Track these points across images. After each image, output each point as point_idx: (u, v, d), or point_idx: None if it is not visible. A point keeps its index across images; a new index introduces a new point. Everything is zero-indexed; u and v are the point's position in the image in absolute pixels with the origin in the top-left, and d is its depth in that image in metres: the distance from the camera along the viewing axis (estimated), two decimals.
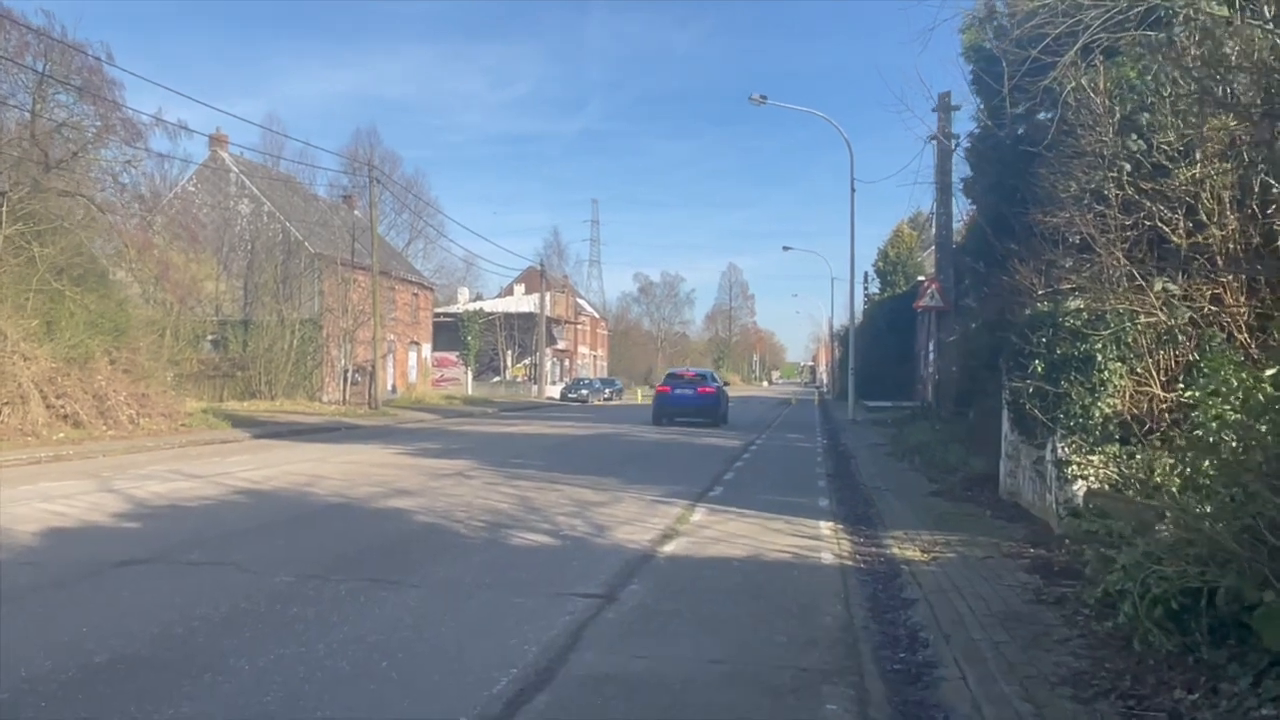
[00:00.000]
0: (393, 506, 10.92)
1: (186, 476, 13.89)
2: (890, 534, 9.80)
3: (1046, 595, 6.88)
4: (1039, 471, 9.98)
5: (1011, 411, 11.48)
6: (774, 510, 11.37)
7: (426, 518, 10.16)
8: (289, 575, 7.12)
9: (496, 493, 12.28)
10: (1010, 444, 11.60)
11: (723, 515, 10.90)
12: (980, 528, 10.06)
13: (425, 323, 53.03)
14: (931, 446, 18.68)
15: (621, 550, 8.57)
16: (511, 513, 10.63)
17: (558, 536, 9.20)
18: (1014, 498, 11.44)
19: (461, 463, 16.45)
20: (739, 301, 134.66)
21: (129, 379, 24.24)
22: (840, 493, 13.51)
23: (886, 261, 56.31)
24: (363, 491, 12.22)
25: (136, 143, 25.83)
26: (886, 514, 11.24)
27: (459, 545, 8.64)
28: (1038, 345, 8.98)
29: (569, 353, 78.17)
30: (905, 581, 7.59)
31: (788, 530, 9.99)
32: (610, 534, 9.41)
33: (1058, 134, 9.31)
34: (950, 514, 11.03)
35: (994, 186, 11.15)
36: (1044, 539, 9.04)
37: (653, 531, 9.56)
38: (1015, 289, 10.08)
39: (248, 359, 37.36)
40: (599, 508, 11.17)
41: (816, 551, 8.81)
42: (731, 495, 12.74)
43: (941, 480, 14.16)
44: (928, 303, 23.33)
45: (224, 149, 40.84)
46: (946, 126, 22.96)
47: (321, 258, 39.05)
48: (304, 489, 12.43)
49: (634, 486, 13.31)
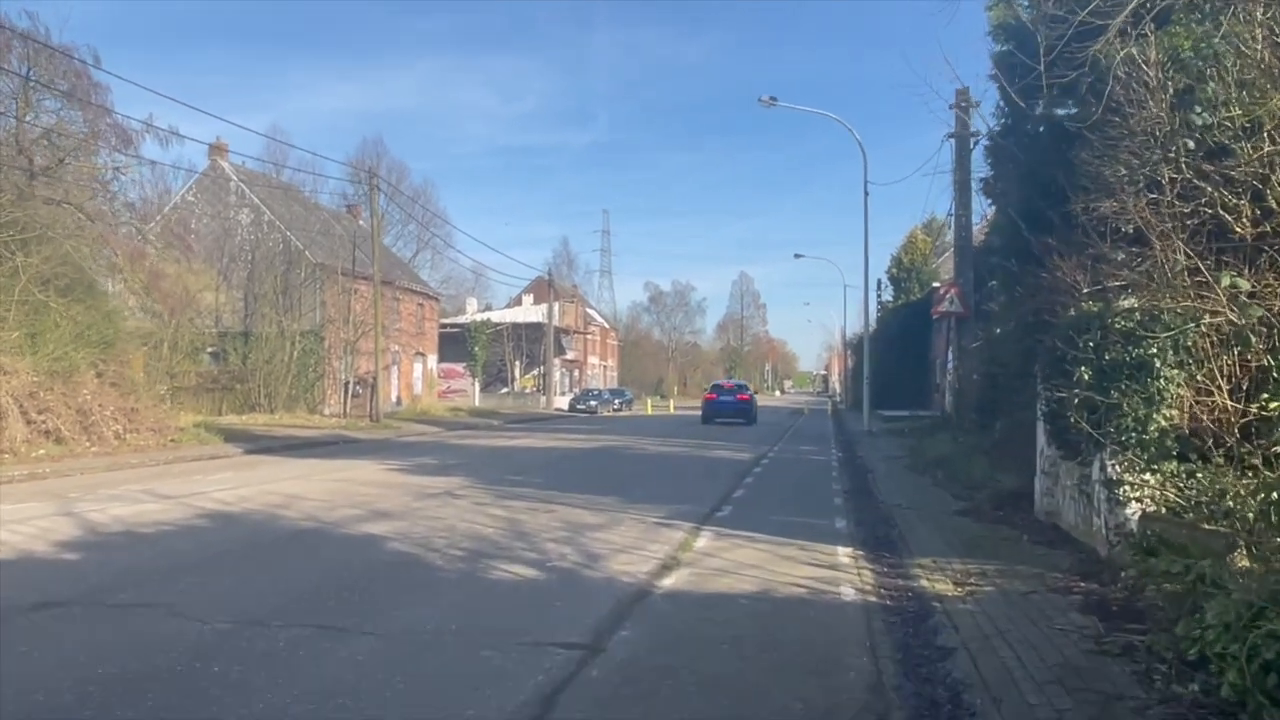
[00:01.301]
0: (367, 533, 9.94)
1: (157, 497, 12.95)
2: (917, 562, 8.76)
3: (1109, 644, 5.83)
4: (1084, 492, 8.93)
5: (1049, 424, 10.43)
6: (787, 533, 10.34)
7: (401, 546, 9.18)
8: (225, 620, 6.14)
9: (484, 515, 11.29)
10: (1047, 460, 10.55)
11: (730, 540, 9.88)
12: (1017, 554, 9.02)
13: (431, 333, 52.16)
14: (953, 460, 17.63)
15: (614, 586, 7.56)
16: (496, 539, 9.63)
17: (544, 568, 8.19)
18: (1052, 519, 10.38)
19: (453, 480, 15.47)
20: (750, 310, 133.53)
21: (117, 393, 23.38)
22: (859, 512, 12.47)
23: (900, 268, 55.21)
24: (339, 514, 11.25)
25: (127, 149, 25.10)
26: (911, 537, 10.20)
27: (430, 581, 7.65)
28: (1084, 350, 7.94)
29: (578, 363, 77.26)
30: (939, 624, 6.55)
31: (802, 558, 8.96)
32: (603, 565, 8.40)
33: (1104, 113, 8.29)
34: (982, 538, 9.98)
35: (1026, 176, 10.13)
36: (1093, 569, 7.99)
37: (651, 561, 8.55)
38: (1054, 287, 9.05)
39: (247, 371, 36.53)
40: (594, 532, 10.17)
41: (835, 585, 7.78)
42: (741, 516, 11.72)
43: (968, 497, 13.10)
44: (946, 308, 22.23)
45: (224, 158, 40.16)
46: (965, 123, 21.97)
47: (323, 268, 38.23)
48: (277, 512, 11.47)
49: (635, 507, 12.30)
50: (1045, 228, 9.66)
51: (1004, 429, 15.01)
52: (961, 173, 19.48)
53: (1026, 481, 11.77)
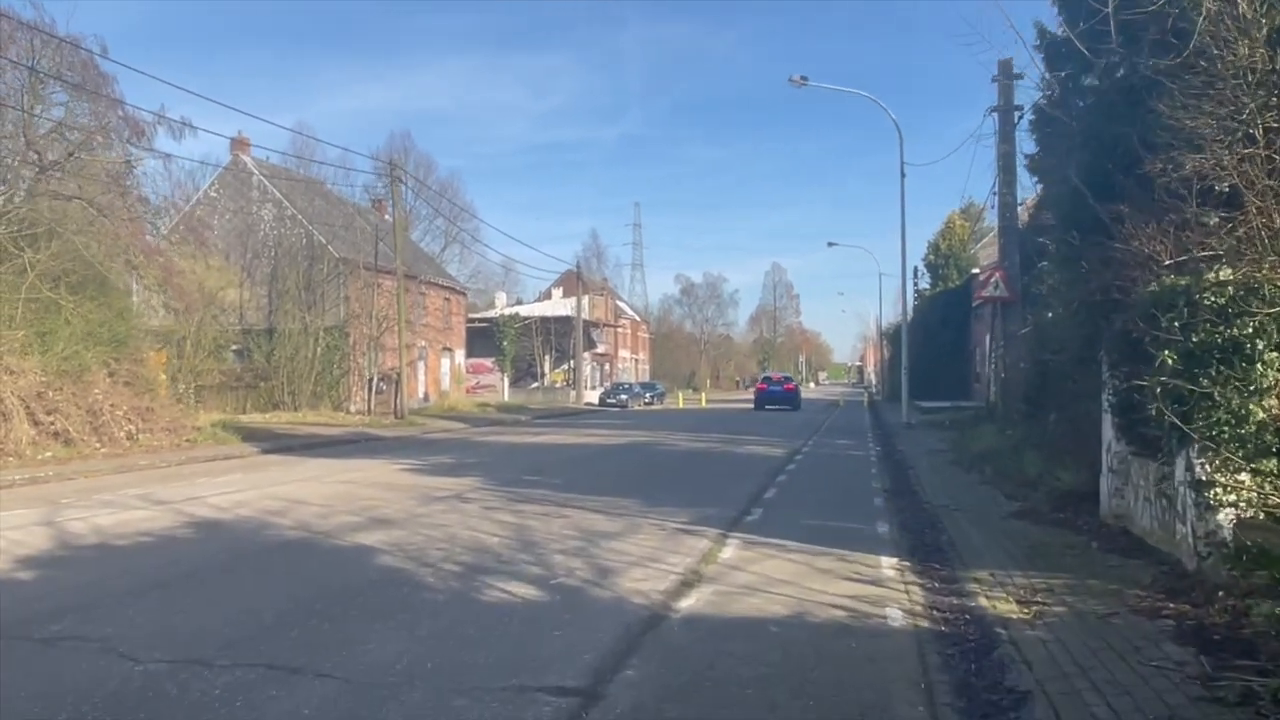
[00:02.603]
0: (358, 544, 9.04)
1: (150, 503, 12.18)
2: (972, 575, 7.70)
3: (1221, 688, 4.77)
4: (1164, 494, 7.81)
5: (1117, 415, 9.30)
6: (823, 540, 9.31)
7: (393, 559, 8.26)
8: (163, 658, 5.25)
9: (491, 521, 10.36)
10: (1115, 456, 9.41)
11: (759, 549, 8.87)
12: (1087, 565, 7.93)
13: (458, 328, 51.45)
14: (1002, 454, 16.47)
15: (624, 608, 6.58)
16: (499, 550, 8.69)
17: (547, 587, 7.23)
18: (1122, 522, 9.25)
19: (467, 481, 14.58)
20: (784, 302, 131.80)
21: (130, 392, 22.79)
22: (902, 514, 11.39)
23: (938, 255, 53.71)
24: (336, 522, 10.37)
25: (138, 141, 24.48)
26: (962, 544, 9.12)
27: (415, 603, 6.71)
28: (1169, 330, 6.83)
29: (609, 356, 76.37)
30: (1007, 657, 5.51)
31: (841, 570, 7.93)
32: (615, 582, 7.42)
33: (1188, 57, 7.15)
34: (1044, 545, 8.88)
35: (1090, 137, 8.99)
36: (1181, 585, 6.88)
37: (669, 577, 7.56)
38: (1127, 261, 7.92)
39: (271, 369, 35.97)
40: (609, 542, 9.19)
41: (880, 606, 6.74)
42: (772, 520, 10.69)
43: (1022, 497, 11.97)
44: (991, 293, 20.99)
45: (245, 153, 39.62)
46: (1009, 95, 20.72)
47: (346, 262, 37.58)
48: (269, 519, 10.62)
49: (657, 510, 11.32)
50: (1114, 194, 8.52)
51: (1059, 421, 13.83)
52: (1005, 147, 18.25)
53: (1089, 480, 10.63)
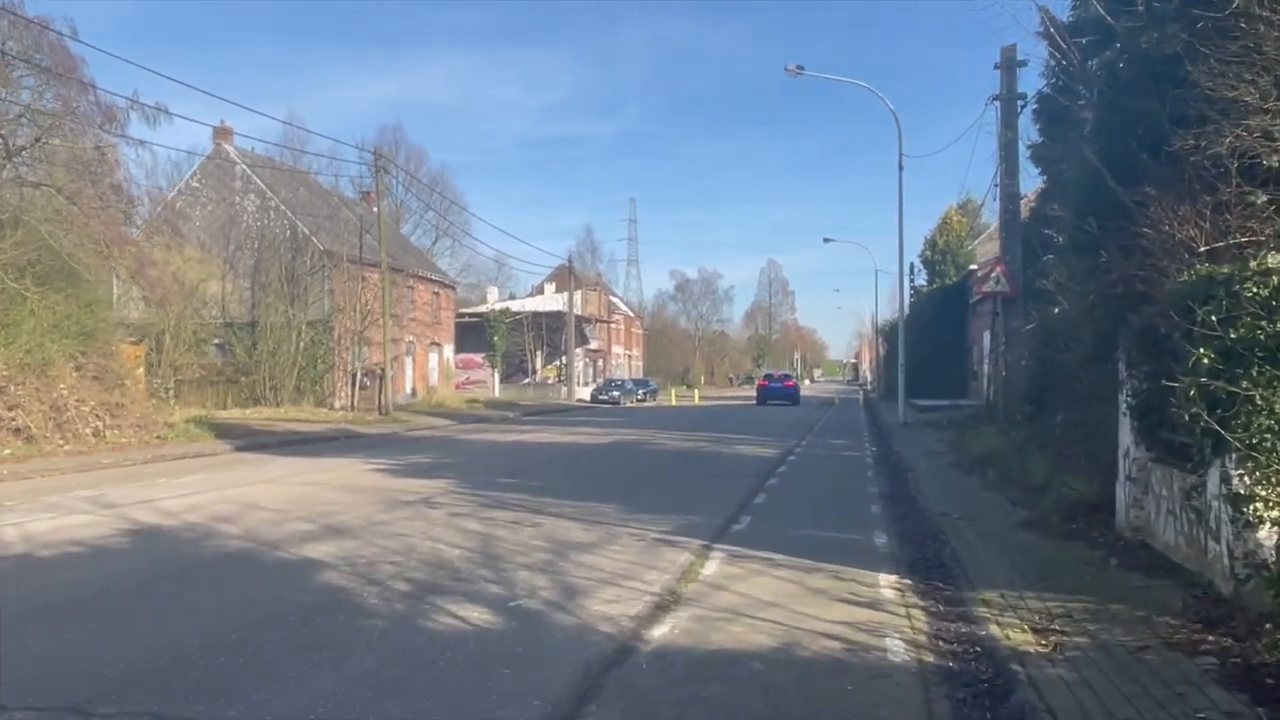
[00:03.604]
0: (304, 557, 8.22)
1: (96, 507, 11.37)
2: (980, 596, 6.92)
3: None
4: (1194, 507, 7.02)
5: (1136, 419, 8.53)
6: (816, 553, 8.52)
7: (338, 576, 7.45)
8: (35, 705, 4.46)
9: (456, 531, 9.55)
10: (1135, 463, 8.63)
11: (746, 564, 8.08)
12: (1108, 586, 7.14)
13: (447, 323, 50.56)
14: (1004, 457, 15.70)
15: (587, 639, 5.78)
16: (458, 565, 7.88)
17: (503, 611, 6.42)
18: (1141, 536, 8.47)
19: (439, 483, 13.76)
20: (779, 298, 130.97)
21: (99, 387, 21.94)
22: (901, 523, 10.61)
23: (935, 251, 52.87)
24: (286, 530, 9.56)
25: (111, 128, 23.57)
26: (968, 559, 8.34)
27: (350, 632, 5.90)
28: (1205, 325, 6.04)
29: (602, 352, 75.51)
30: (1027, 704, 4.72)
31: (835, 591, 7.14)
32: (581, 604, 6.62)
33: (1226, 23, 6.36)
34: (1057, 561, 8.10)
35: (1110, 115, 8.20)
36: (1218, 613, 6.10)
37: (643, 599, 6.76)
38: (1152, 248, 7.14)
39: (252, 363, 35.09)
40: (581, 554, 8.39)
41: (878, 635, 5.95)
42: (760, 530, 9.90)
43: (1029, 504, 11.19)
44: (992, 288, 20.23)
45: (229, 142, 38.70)
46: (1012, 84, 19.95)
47: (331, 255, 36.69)
48: (216, 527, 9.80)
49: (638, 518, 10.52)
50: (1137, 176, 7.73)
51: (1067, 424, 13.05)
52: (1009, 134, 17.46)
53: (1102, 488, 9.86)
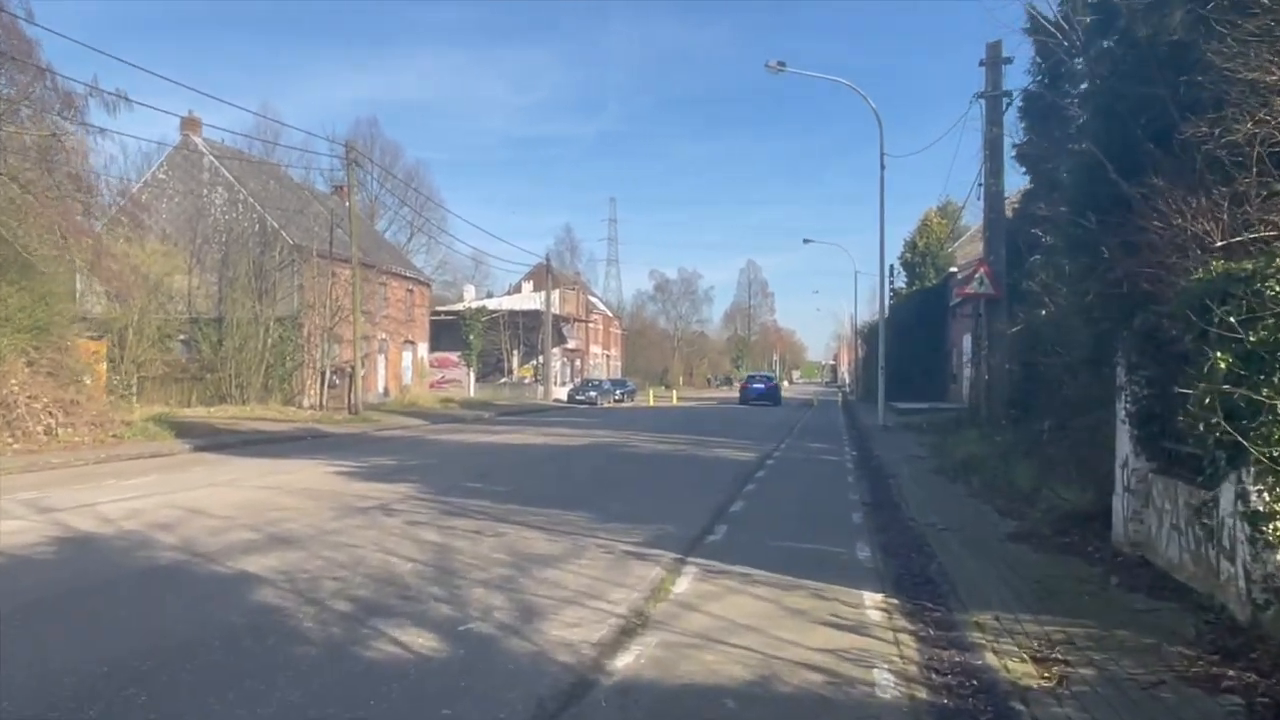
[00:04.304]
0: (242, 571, 7.57)
1: (33, 512, 10.66)
2: (973, 618, 6.38)
3: None
4: (1203, 524, 6.51)
5: (1136, 427, 8.03)
6: (795, 568, 7.96)
7: (274, 594, 6.81)
8: None
9: (411, 542, 8.91)
10: (1134, 474, 8.12)
11: (720, 581, 7.50)
12: (1111, 609, 6.62)
13: (421, 321, 49.72)
14: (988, 463, 15.26)
15: (543, 669, 5.18)
16: (409, 582, 7.25)
17: (452, 636, 5.80)
18: (1141, 551, 7.97)
19: (401, 488, 13.10)
20: (758, 299, 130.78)
21: (53, 383, 21.10)
22: (884, 533, 10.07)
23: (915, 253, 52.59)
24: (228, 540, 8.89)
25: (69, 114, 22.70)
26: (957, 575, 7.80)
27: (276, 661, 5.27)
28: (1224, 325, 5.52)
29: (580, 352, 74.82)
30: None
31: (817, 612, 6.57)
32: (539, 628, 6.01)
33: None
34: (1053, 579, 7.57)
35: (1112, 103, 7.68)
36: (1235, 643, 5.57)
37: (608, 622, 6.16)
38: (1158, 244, 6.62)
39: (218, 360, 34.18)
40: (544, 569, 7.79)
41: (865, 665, 5.39)
42: (737, 541, 9.33)
43: (1017, 514, 10.70)
44: (975, 289, 19.77)
45: (197, 133, 37.76)
46: (997, 80, 19.52)
47: (300, 249, 35.83)
48: (153, 536, 9.11)
49: (607, 527, 9.93)
50: (1141, 167, 7.22)
51: (1055, 430, 12.59)
52: (995, 130, 17.00)
53: (1097, 499, 9.37)
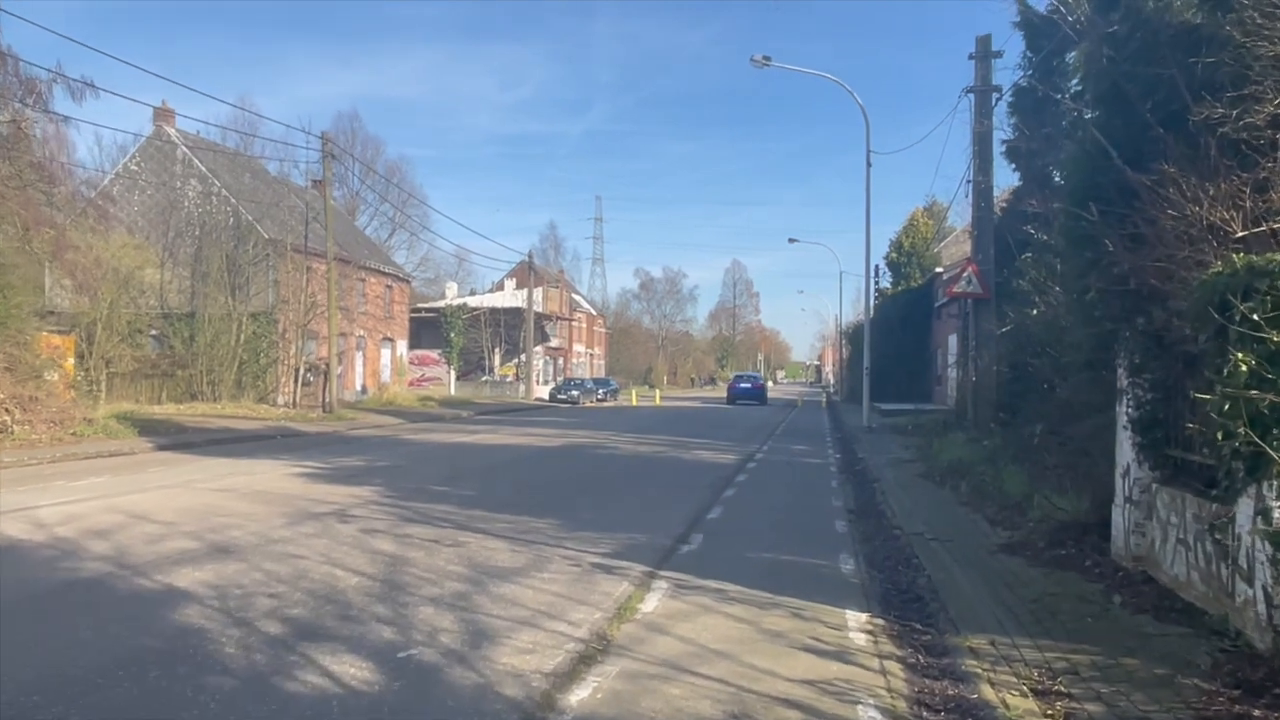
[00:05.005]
0: (170, 586, 6.93)
1: None
2: (967, 643, 5.84)
3: None
4: (1216, 541, 5.98)
5: (1139, 433, 7.50)
6: (774, 583, 7.40)
7: (199, 612, 6.18)
8: None
9: (362, 552, 8.30)
10: (1136, 484, 7.60)
11: (692, 598, 6.92)
12: (1114, 632, 6.08)
13: (400, 317, 48.94)
14: (976, 467, 14.76)
15: (486, 707, 4.59)
16: (352, 599, 6.64)
17: (389, 665, 5.20)
18: (1143, 566, 7.44)
19: (363, 491, 12.47)
20: (743, 299, 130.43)
21: (10, 379, 20.38)
22: (869, 544, 9.52)
23: (900, 253, 52.21)
24: (165, 549, 8.25)
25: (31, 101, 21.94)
26: (948, 593, 7.25)
27: (185, 695, 4.65)
28: (1246, 323, 4.99)
29: (563, 351, 74.17)
30: None
31: (796, 635, 6.00)
32: (488, 654, 5.42)
33: None
34: (1051, 597, 7.03)
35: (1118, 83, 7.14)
36: (1257, 675, 5.03)
37: (565, 646, 5.57)
38: (1168, 236, 6.09)
39: (189, 356, 33.36)
40: (502, 584, 7.19)
41: (849, 699, 4.82)
42: (712, 552, 8.76)
43: (1009, 523, 10.18)
44: (963, 288, 19.26)
45: (170, 124, 36.91)
46: (987, 75, 19.04)
47: (275, 243, 35.03)
48: (83, 545, 8.46)
49: (576, 536, 9.34)
50: (1148, 154, 6.69)
51: (1046, 435, 12.07)
52: (985, 123, 16.50)
53: (1094, 509, 8.85)
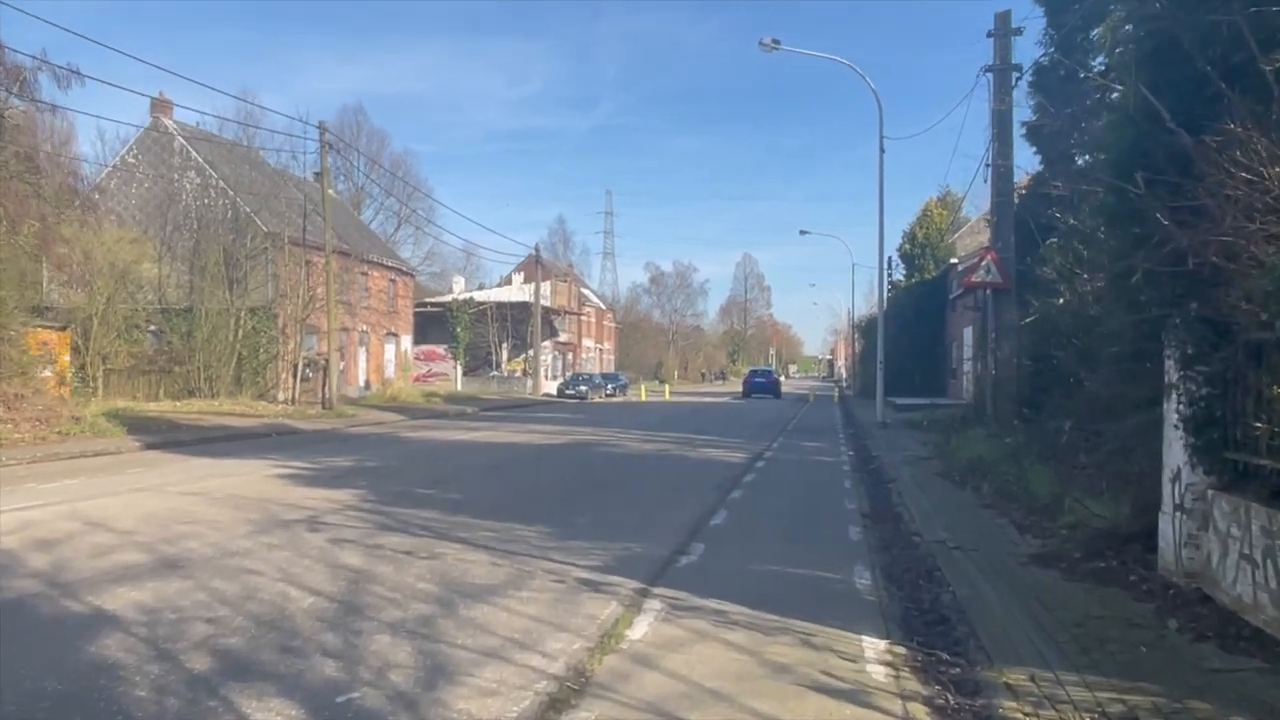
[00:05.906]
0: (98, 607, 6.16)
1: None
2: (1003, 678, 5.02)
3: None
4: None
5: (1193, 434, 6.65)
6: (781, 601, 6.59)
7: (121, 642, 5.40)
8: None
9: (325, 566, 7.51)
10: (1188, 490, 6.75)
11: (687, 623, 6.11)
12: (1175, 664, 5.25)
13: (404, 312, 48.23)
14: (998, 466, 13.91)
15: None
16: (300, 624, 5.85)
17: (324, 711, 4.41)
18: (1197, 583, 6.60)
19: (344, 495, 11.71)
20: (755, 293, 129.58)
21: None
22: (886, 553, 8.69)
23: (914, 244, 51.27)
24: (108, 563, 7.49)
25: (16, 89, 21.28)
26: (977, 614, 6.42)
27: None
28: None
29: (572, 346, 73.35)
30: None
31: (803, 669, 5.19)
32: (443, 696, 4.62)
33: None
34: (1095, 619, 6.18)
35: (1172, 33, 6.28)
36: None
37: (535, 685, 4.77)
38: (1232, 209, 5.23)
39: (187, 352, 32.71)
40: (475, 604, 6.39)
41: None
42: (713, 565, 7.94)
43: (1039, 530, 9.33)
44: (982, 278, 18.40)
45: (168, 115, 36.24)
46: (1006, 53, 18.13)
47: (274, 236, 34.33)
48: (22, 556, 7.71)
49: (564, 545, 8.54)
50: (1204, 114, 5.83)
51: (1077, 431, 11.22)
52: (1005, 102, 15.60)
53: (1137, 516, 7.99)
